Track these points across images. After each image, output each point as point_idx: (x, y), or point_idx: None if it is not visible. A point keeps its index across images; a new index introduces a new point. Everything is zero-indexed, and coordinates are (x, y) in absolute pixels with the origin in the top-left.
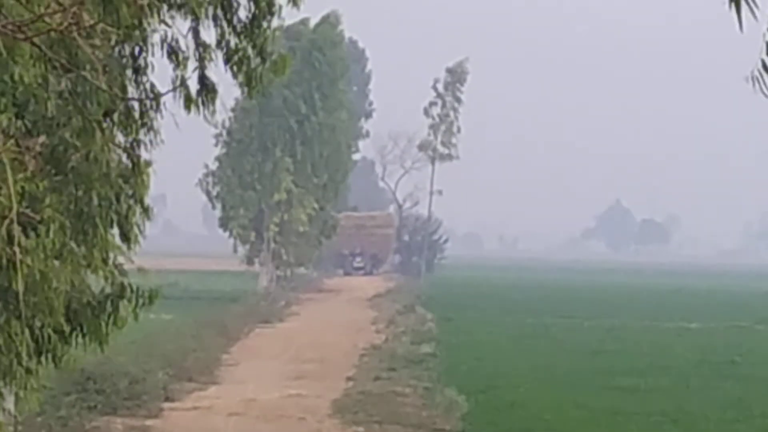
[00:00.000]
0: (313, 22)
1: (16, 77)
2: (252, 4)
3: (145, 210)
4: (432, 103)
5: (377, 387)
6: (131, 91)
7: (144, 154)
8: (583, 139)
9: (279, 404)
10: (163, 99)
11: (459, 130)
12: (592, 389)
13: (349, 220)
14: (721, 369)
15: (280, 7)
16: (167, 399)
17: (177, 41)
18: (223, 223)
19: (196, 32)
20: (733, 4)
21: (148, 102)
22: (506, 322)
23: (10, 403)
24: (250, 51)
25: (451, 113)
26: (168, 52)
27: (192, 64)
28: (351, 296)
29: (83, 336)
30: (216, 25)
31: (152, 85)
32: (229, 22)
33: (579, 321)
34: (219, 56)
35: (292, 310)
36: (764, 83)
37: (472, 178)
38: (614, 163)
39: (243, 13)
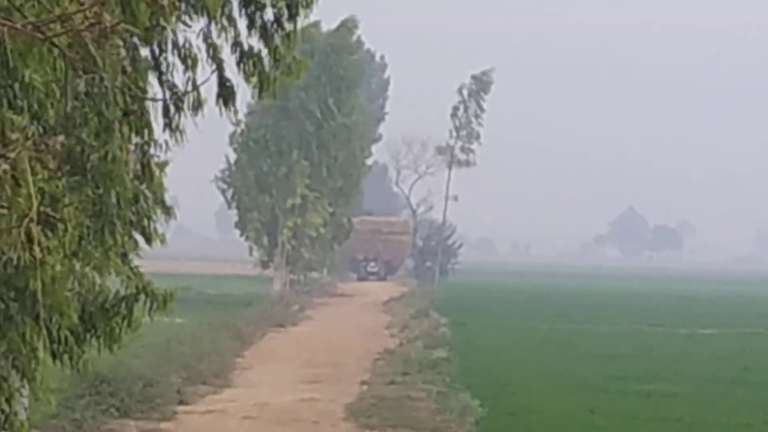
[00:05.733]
0: (325, 27)
1: (27, 79)
2: (274, 6)
3: (167, 210)
4: (455, 108)
5: (391, 391)
6: (154, 91)
7: (162, 155)
8: (597, 146)
9: (292, 408)
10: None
11: (479, 137)
12: (607, 395)
13: (365, 225)
14: (736, 375)
15: (306, 8)
16: (181, 402)
17: (190, 43)
18: (240, 226)
19: (210, 34)
20: None
21: (170, 103)
22: (520, 327)
23: (21, 409)
24: (264, 53)
25: (473, 120)
26: (182, 53)
27: (208, 65)
28: (365, 301)
29: (97, 338)
30: (230, 26)
31: (173, 86)
32: (251, 23)
33: (592, 326)
34: (233, 58)
35: (306, 314)
36: None
37: (485, 184)
38: (627, 170)
39: (265, 16)
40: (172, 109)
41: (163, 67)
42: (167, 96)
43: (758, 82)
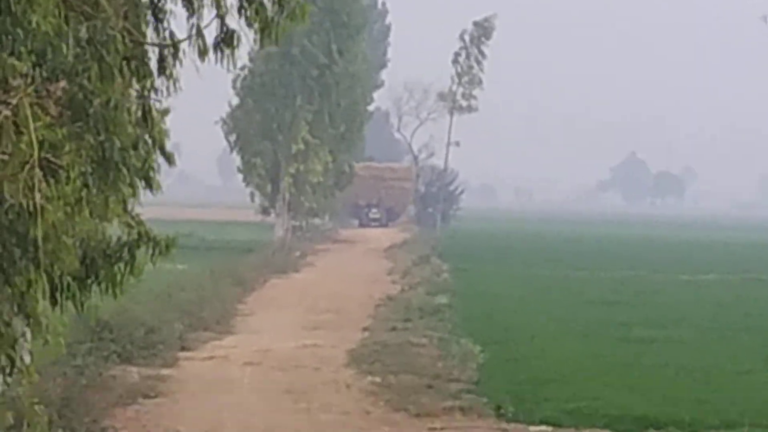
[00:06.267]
0: None
1: (34, 24)
2: None
3: (167, 157)
4: (457, 54)
5: (393, 337)
6: (151, 37)
7: (164, 102)
8: (599, 92)
9: (294, 354)
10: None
11: (481, 83)
12: (609, 341)
13: (368, 171)
14: (738, 321)
15: None
16: (183, 348)
17: None
18: (243, 171)
19: None
20: None
21: (167, 49)
22: (522, 273)
23: (26, 355)
24: None
25: (475, 65)
26: None
27: (209, 10)
28: (366, 247)
29: (99, 284)
30: None
31: (171, 33)
32: None
33: (595, 273)
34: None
35: (308, 260)
36: None
37: (487, 131)
38: (630, 116)
39: None
40: (167, 56)
41: (161, 14)
42: (164, 42)
43: (759, 35)
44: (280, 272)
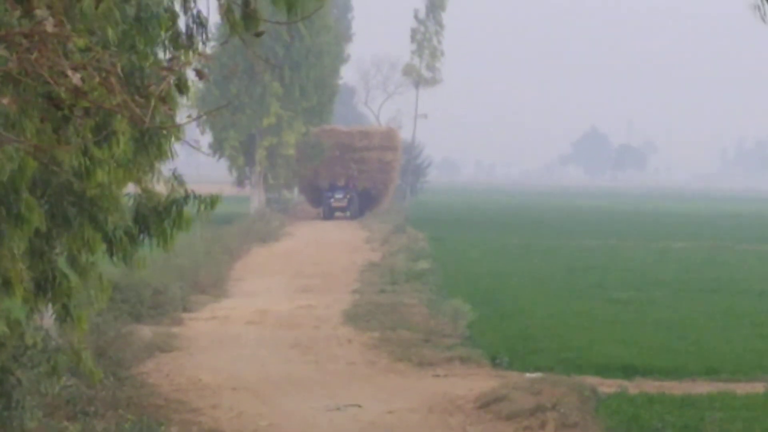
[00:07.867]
0: None
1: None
2: None
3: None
4: (414, 30)
5: (383, 299)
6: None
7: None
8: (560, 66)
9: (292, 314)
10: None
11: (442, 54)
12: (589, 301)
13: (331, 137)
14: (708, 284)
15: None
16: (185, 310)
17: None
18: (215, 148)
19: None
20: None
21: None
22: (495, 241)
23: (47, 318)
24: None
25: (434, 38)
26: None
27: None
28: (341, 218)
29: (150, 238)
30: None
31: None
32: None
33: (565, 241)
34: None
35: (286, 230)
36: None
37: (448, 105)
38: (590, 89)
39: None
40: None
41: None
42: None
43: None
44: (262, 241)
